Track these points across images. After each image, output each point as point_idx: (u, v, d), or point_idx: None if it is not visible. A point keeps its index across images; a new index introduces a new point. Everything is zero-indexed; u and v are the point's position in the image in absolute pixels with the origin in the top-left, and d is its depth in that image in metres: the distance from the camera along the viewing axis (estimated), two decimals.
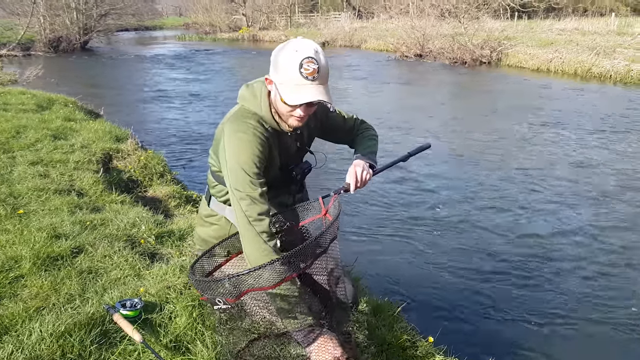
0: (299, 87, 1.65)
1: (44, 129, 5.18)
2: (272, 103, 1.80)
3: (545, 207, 5.13)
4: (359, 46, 26.52)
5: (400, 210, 5.03)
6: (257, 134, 1.75)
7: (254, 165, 1.72)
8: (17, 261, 2.37)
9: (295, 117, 1.75)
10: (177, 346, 1.89)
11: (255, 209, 1.69)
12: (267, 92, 1.80)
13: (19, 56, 20.27)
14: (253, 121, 1.78)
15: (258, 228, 1.68)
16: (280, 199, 2.02)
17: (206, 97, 11.80)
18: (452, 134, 8.27)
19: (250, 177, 1.71)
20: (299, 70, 1.64)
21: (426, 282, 3.64)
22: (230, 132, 1.76)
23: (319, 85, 1.67)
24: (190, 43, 32.18)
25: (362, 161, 1.96)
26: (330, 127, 2.10)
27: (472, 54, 17.80)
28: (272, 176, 1.91)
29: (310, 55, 1.65)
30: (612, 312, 3.36)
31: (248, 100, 1.83)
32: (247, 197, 1.70)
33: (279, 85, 1.69)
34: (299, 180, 2.03)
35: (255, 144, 1.73)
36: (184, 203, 4.32)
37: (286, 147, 1.91)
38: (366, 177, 1.93)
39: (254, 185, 1.71)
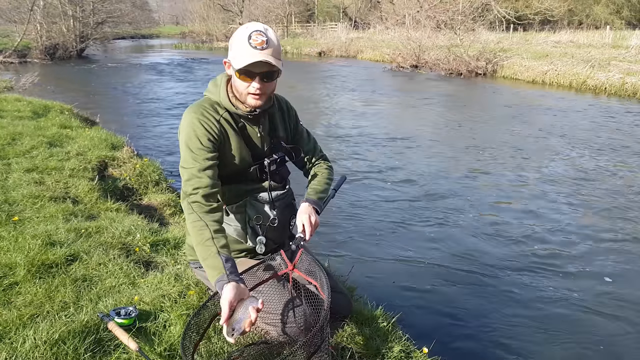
0: (249, 56, 1.73)
1: (39, 136, 5.18)
2: (231, 87, 1.89)
3: (541, 216, 5.16)
4: (355, 56, 26.72)
5: (395, 220, 5.04)
6: (205, 114, 1.85)
7: (198, 142, 1.79)
8: (12, 268, 2.36)
9: (252, 95, 1.82)
10: (171, 355, 1.89)
11: (192, 183, 1.76)
12: (226, 79, 1.91)
13: (15, 63, 20.26)
14: (206, 105, 1.89)
15: (190, 199, 1.74)
16: (258, 194, 2.00)
17: None
18: (447, 145, 8.31)
19: (193, 153, 1.79)
20: (247, 41, 1.74)
21: (421, 292, 3.64)
22: (184, 116, 1.87)
23: (268, 56, 1.75)
24: (187, 52, 32.29)
25: (309, 205, 1.99)
26: (295, 138, 2.15)
27: (468, 65, 17.97)
28: (244, 167, 1.95)
29: (258, 29, 1.77)
30: (613, 319, 3.37)
31: (210, 90, 1.95)
32: (187, 173, 1.78)
33: (232, 60, 1.80)
34: (275, 174, 2.03)
35: (202, 122, 1.82)
36: (179, 211, 4.30)
37: (249, 134, 1.96)
38: (317, 222, 1.98)
39: (195, 161, 1.78)
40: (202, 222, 1.71)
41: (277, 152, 2.03)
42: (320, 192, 2.10)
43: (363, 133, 9.00)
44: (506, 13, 28.13)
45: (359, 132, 9.04)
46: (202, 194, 1.74)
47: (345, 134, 8.90)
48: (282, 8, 41.07)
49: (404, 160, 7.26)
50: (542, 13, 30.32)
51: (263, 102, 1.87)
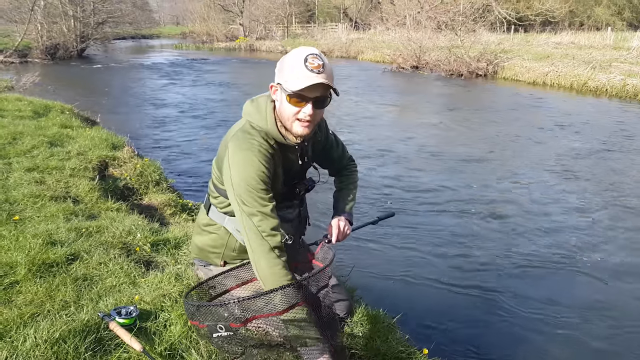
0: (305, 78, 1.65)
1: (40, 136, 5.18)
2: (277, 115, 1.79)
3: (541, 218, 5.16)
4: (356, 57, 26.73)
5: (396, 220, 5.03)
6: (262, 151, 1.75)
7: (261, 182, 1.72)
8: (12, 267, 2.37)
9: (301, 122, 1.73)
10: (172, 354, 1.89)
11: (267, 223, 1.70)
12: (272, 106, 1.80)
13: (15, 63, 20.27)
14: (258, 137, 1.77)
15: (272, 242, 1.69)
16: (282, 212, 2.00)
17: (202, 106, 11.83)
18: (447, 146, 8.31)
19: (258, 193, 1.71)
20: (304, 64, 1.66)
21: (422, 293, 3.64)
22: (235, 149, 1.75)
23: (324, 80, 1.68)
24: (187, 52, 32.31)
25: (344, 217, 2.06)
26: (325, 148, 2.12)
27: (469, 67, 17.97)
28: (275, 192, 1.91)
29: (314, 52, 1.69)
30: (612, 322, 3.37)
31: (252, 115, 1.82)
32: (258, 213, 1.70)
33: (284, 83, 1.70)
34: (301, 197, 2.05)
35: (261, 161, 1.73)
36: (180, 211, 4.32)
37: (290, 163, 1.91)
38: (347, 232, 2.04)
39: (264, 200, 1.72)
40: (290, 275, 1.68)
41: (307, 177, 2.03)
42: (350, 199, 2.18)
43: (361, 133, 9.00)
44: (507, 14, 28.15)
45: (356, 132, 9.04)
46: (279, 236, 1.71)
47: (344, 135, 8.90)
48: (283, 9, 41.10)
49: (403, 161, 7.26)
50: (543, 14, 30.35)
51: (310, 131, 1.78)
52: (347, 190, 2.18)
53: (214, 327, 1.59)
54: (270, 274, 1.67)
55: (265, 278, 1.69)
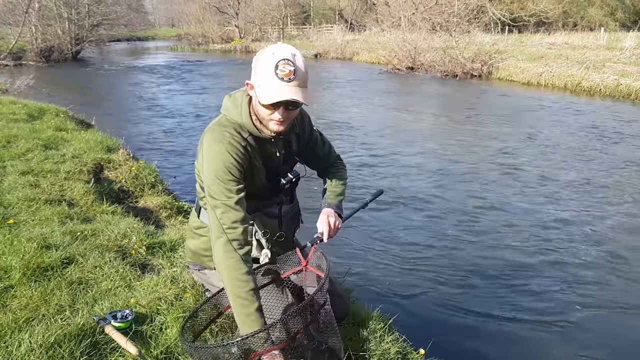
0: (275, 88, 1.66)
1: (34, 139, 5.16)
2: (253, 109, 1.81)
3: (535, 218, 5.18)
4: (351, 58, 26.78)
5: (392, 222, 5.05)
6: (233, 142, 1.76)
7: (229, 173, 1.73)
8: (7, 271, 2.35)
9: (274, 121, 1.75)
10: (168, 358, 1.88)
11: (229, 216, 1.70)
12: (247, 100, 1.82)
13: (10, 65, 20.19)
14: (231, 129, 1.79)
15: (230, 235, 1.68)
16: (268, 209, 2.02)
17: (198, 108, 11.82)
18: (442, 146, 8.34)
19: (224, 184, 1.72)
20: (274, 71, 1.66)
21: (418, 294, 3.64)
22: (208, 141, 1.78)
23: (295, 87, 1.68)
24: (183, 54, 32.27)
25: (332, 210, 2.02)
26: (309, 145, 2.11)
27: (463, 67, 18.04)
28: (259, 186, 1.92)
29: (286, 57, 1.67)
30: (613, 321, 3.39)
31: (229, 109, 1.85)
32: (221, 205, 1.71)
33: (257, 88, 1.71)
34: (287, 190, 2.03)
35: (231, 152, 1.74)
36: (175, 214, 4.31)
37: (269, 155, 1.91)
38: (338, 226, 2.00)
39: (230, 192, 1.72)
40: (245, 268, 1.66)
41: (291, 170, 2.01)
42: (339, 194, 2.12)
43: (355, 134, 9.01)
44: (501, 15, 28.28)
45: (350, 132, 9.05)
46: (241, 230, 1.69)
47: (339, 133, 8.91)
48: (278, 10, 41.12)
49: (399, 162, 7.28)
50: (537, 15, 30.49)
51: (285, 128, 1.80)
52: (334, 184, 2.16)
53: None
54: (225, 267, 1.67)
55: (220, 271, 1.70)
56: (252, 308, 1.63)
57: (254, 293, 1.66)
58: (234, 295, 1.65)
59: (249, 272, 1.67)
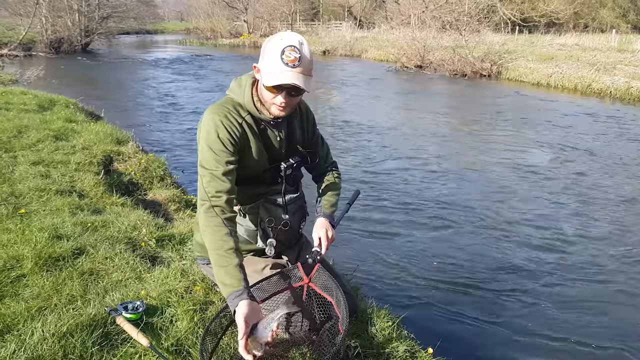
0: (280, 73, 1.71)
1: (45, 130, 5.18)
2: (257, 90, 1.86)
3: (546, 220, 5.15)
4: (360, 55, 26.69)
5: (401, 219, 5.03)
6: (229, 117, 1.82)
7: (221, 144, 1.77)
8: (19, 260, 2.37)
9: (276, 105, 1.80)
10: (178, 350, 1.89)
11: (214, 185, 1.74)
12: (252, 82, 1.88)
13: (20, 56, 20.28)
14: (230, 106, 1.85)
15: (213, 202, 1.73)
16: (272, 197, 2.01)
17: (204, 102, 11.83)
18: (449, 145, 8.31)
19: (215, 154, 1.76)
20: (280, 56, 1.71)
21: (427, 292, 3.63)
22: (206, 115, 1.84)
23: (299, 74, 1.72)
24: (191, 48, 32.30)
25: (325, 220, 2.03)
26: (311, 142, 2.14)
27: (473, 67, 17.95)
28: (261, 170, 1.94)
29: (292, 44, 1.72)
30: (622, 325, 3.37)
31: (233, 90, 1.91)
32: (208, 174, 1.75)
33: (262, 71, 1.77)
34: (290, 177, 2.03)
35: (225, 125, 1.79)
36: (184, 207, 4.32)
37: (270, 139, 1.94)
38: (333, 238, 2.01)
39: (218, 163, 1.76)
40: (225, 230, 1.71)
41: (293, 157, 2.02)
42: (333, 204, 2.15)
43: (362, 132, 8.99)
44: (512, 15, 28.09)
45: (358, 131, 9.04)
46: (225, 199, 1.73)
47: (347, 132, 8.89)
48: (287, 6, 41.02)
49: (408, 161, 7.26)
50: (548, 15, 30.25)
51: (286, 113, 1.85)
52: (329, 194, 2.17)
53: None
54: (206, 230, 1.72)
55: (203, 234, 1.75)
56: (231, 265, 1.66)
57: (234, 252, 1.69)
58: (214, 253, 1.70)
59: (229, 234, 1.71)
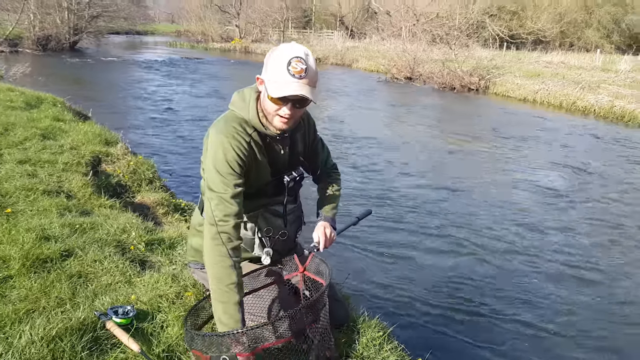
0: (285, 84, 1.69)
1: (32, 128, 5.09)
2: (260, 105, 1.83)
3: (534, 231, 5.21)
4: (350, 65, 26.83)
5: (395, 232, 5.03)
6: (237, 137, 1.78)
7: (229, 167, 1.75)
8: (6, 261, 2.32)
9: (280, 118, 1.78)
10: (169, 356, 1.86)
11: (222, 209, 1.72)
12: (256, 96, 1.85)
13: (5, 52, 19.95)
14: (237, 124, 1.81)
15: (220, 227, 1.71)
16: (272, 207, 2.02)
17: (195, 105, 11.78)
18: (447, 161, 8.38)
19: (223, 177, 1.74)
20: (286, 67, 1.69)
21: (417, 303, 3.63)
22: (213, 135, 1.80)
23: (305, 85, 1.71)
24: (182, 50, 32.12)
25: (328, 223, 2.09)
26: (312, 151, 2.15)
27: (461, 80, 18.17)
28: (264, 182, 1.93)
29: (299, 55, 1.71)
30: (618, 328, 3.41)
31: (237, 104, 1.87)
32: (216, 197, 1.73)
33: (267, 82, 1.74)
34: (292, 189, 2.04)
35: (234, 146, 1.76)
36: (172, 211, 4.28)
37: (275, 153, 1.93)
38: (333, 237, 2.07)
39: (226, 186, 1.74)
40: (230, 261, 1.69)
41: (296, 169, 2.03)
42: (334, 207, 2.19)
43: (359, 144, 9.03)
44: (500, 31, 28.60)
45: (354, 144, 9.07)
46: (232, 224, 1.71)
47: (343, 145, 8.92)
48: (280, 13, 41.13)
49: (405, 175, 7.30)
50: (535, 33, 30.88)
51: (290, 126, 1.83)
52: (330, 197, 2.21)
53: (217, 358, 1.55)
54: (210, 257, 1.71)
55: (206, 260, 1.73)
56: (231, 301, 1.65)
57: (236, 287, 1.68)
58: (216, 285, 1.68)
59: (233, 266, 1.70)
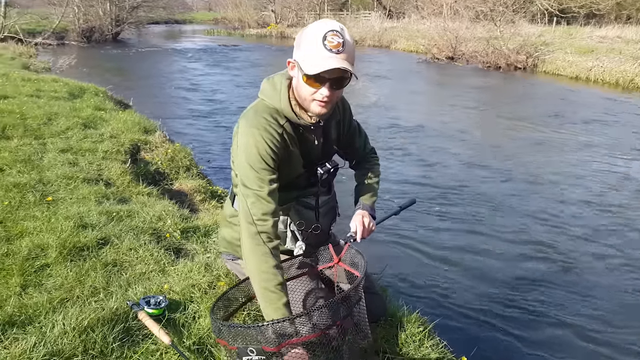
0: (323, 60, 1.53)
1: (74, 117, 5.21)
2: (293, 93, 1.69)
3: (579, 217, 4.91)
4: (389, 46, 26.24)
5: (437, 221, 4.78)
6: (269, 129, 1.66)
7: (263, 162, 1.63)
8: (44, 249, 2.34)
9: (318, 101, 1.62)
10: (200, 349, 1.82)
11: (260, 207, 1.61)
12: (287, 84, 1.70)
13: (53, 45, 20.69)
14: (268, 115, 1.68)
15: (260, 227, 1.61)
16: (304, 199, 1.92)
17: (232, 93, 11.83)
18: (481, 141, 8.05)
19: (257, 173, 1.63)
20: (322, 42, 1.53)
21: (462, 298, 3.43)
22: (243, 128, 1.68)
23: (344, 60, 1.55)
24: (219, 38, 32.42)
25: (367, 212, 1.96)
26: (348, 137, 2.01)
27: (507, 59, 17.38)
28: (296, 175, 1.82)
29: (334, 29, 1.56)
30: None
31: (267, 93, 1.74)
32: (252, 195, 1.62)
33: (301, 62, 1.59)
34: (325, 181, 1.93)
35: (266, 140, 1.64)
36: (209, 198, 4.28)
37: (308, 144, 1.80)
38: (372, 228, 1.94)
39: (262, 182, 1.63)
40: (273, 261, 1.60)
41: (330, 160, 1.92)
42: (373, 194, 2.07)
43: (394, 128, 8.81)
44: (549, 5, 27.12)
45: (389, 126, 8.85)
46: (271, 222, 1.62)
47: (377, 127, 8.72)
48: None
49: (443, 158, 7.06)
50: (588, 6, 29.03)
51: (328, 111, 1.67)
52: (369, 184, 2.08)
53: (244, 350, 1.48)
54: (252, 258, 1.61)
55: (247, 261, 1.64)
56: (280, 302, 1.57)
57: (282, 287, 1.59)
58: (262, 287, 1.59)
59: (277, 266, 1.61)
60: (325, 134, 1.88)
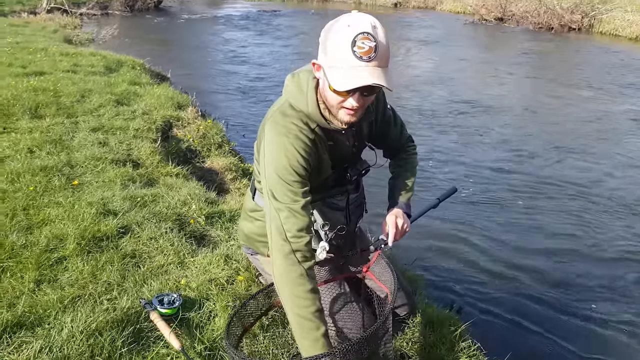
0: (351, 70, 1.32)
1: (108, 94, 5.20)
2: (320, 95, 1.50)
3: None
4: (434, 7, 24.98)
5: (473, 212, 4.43)
6: (300, 137, 1.49)
7: (294, 173, 1.46)
8: (62, 240, 2.31)
9: (347, 110, 1.43)
10: (211, 355, 1.73)
11: (295, 222, 1.45)
12: (314, 84, 1.50)
13: (97, 15, 20.97)
14: (297, 120, 1.51)
15: (294, 245, 1.44)
16: (332, 200, 1.77)
17: (270, 62, 11.62)
18: (533, 115, 7.53)
19: (289, 185, 1.46)
20: (351, 49, 1.31)
21: (497, 299, 3.18)
22: (271, 134, 1.51)
23: (376, 68, 1.33)
24: (260, 3, 31.92)
25: (401, 211, 1.77)
26: (382, 128, 1.80)
27: (561, 19, 16.16)
28: (324, 177, 1.66)
29: (365, 31, 1.31)
30: None
31: (293, 94, 1.54)
32: (286, 209, 1.45)
33: (327, 69, 1.38)
34: (353, 182, 1.78)
35: (297, 148, 1.47)
36: (240, 176, 4.21)
37: (339, 147, 1.63)
38: (406, 229, 1.74)
39: (295, 195, 1.46)
40: (309, 285, 1.44)
41: (361, 161, 1.77)
42: (409, 189, 1.88)
43: (440, 101, 8.39)
44: None
45: (434, 101, 8.43)
46: (307, 239, 1.47)
47: (421, 101, 8.33)
48: None
49: (487, 137, 6.66)
50: None
51: (358, 118, 1.49)
52: (404, 177, 1.90)
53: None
54: (286, 281, 1.45)
55: (279, 283, 1.48)
56: (318, 333, 1.41)
57: (320, 315, 1.43)
58: (297, 315, 1.43)
59: (313, 290, 1.45)
60: (358, 135, 1.72)
